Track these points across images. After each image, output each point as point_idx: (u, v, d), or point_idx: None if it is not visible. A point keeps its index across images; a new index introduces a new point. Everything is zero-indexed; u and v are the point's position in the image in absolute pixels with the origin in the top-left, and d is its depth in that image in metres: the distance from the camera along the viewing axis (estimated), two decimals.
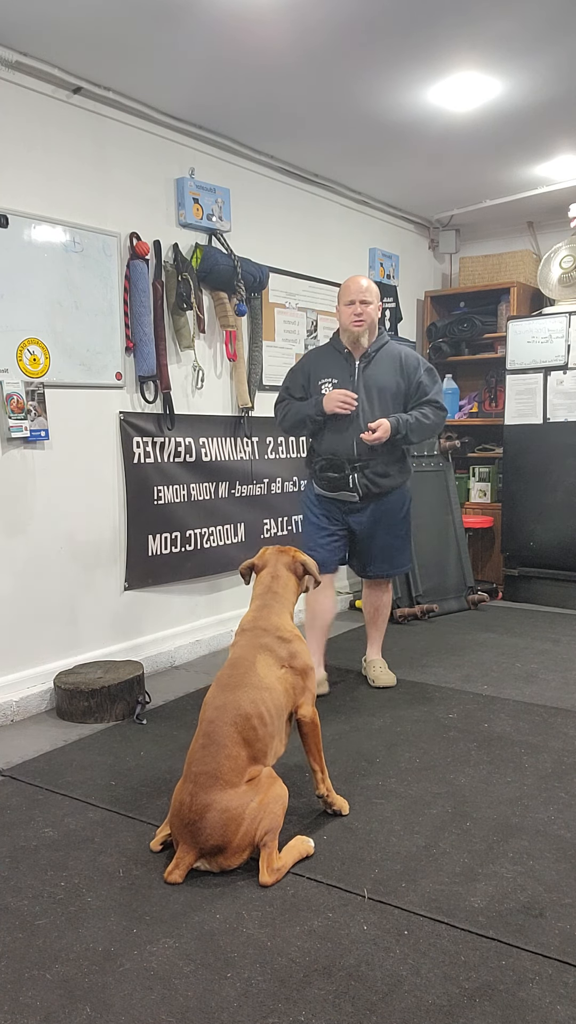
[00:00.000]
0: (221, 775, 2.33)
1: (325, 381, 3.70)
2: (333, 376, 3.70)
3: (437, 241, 6.51)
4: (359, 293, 3.61)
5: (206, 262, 4.34)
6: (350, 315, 3.61)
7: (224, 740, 2.38)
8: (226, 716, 2.41)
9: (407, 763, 3.12)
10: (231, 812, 2.29)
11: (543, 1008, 1.83)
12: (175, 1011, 1.83)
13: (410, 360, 3.73)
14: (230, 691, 2.48)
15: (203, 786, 2.31)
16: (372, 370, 3.69)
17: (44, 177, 3.65)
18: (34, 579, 3.74)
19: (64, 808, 2.79)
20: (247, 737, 2.40)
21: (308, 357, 3.90)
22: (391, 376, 3.69)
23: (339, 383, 3.68)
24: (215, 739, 2.38)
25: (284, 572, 2.83)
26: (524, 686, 3.98)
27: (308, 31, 3.29)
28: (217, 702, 2.46)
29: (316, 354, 3.88)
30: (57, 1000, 1.88)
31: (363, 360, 3.70)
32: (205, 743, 2.39)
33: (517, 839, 2.56)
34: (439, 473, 5.78)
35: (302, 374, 3.80)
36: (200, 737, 2.42)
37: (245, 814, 2.30)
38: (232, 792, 2.32)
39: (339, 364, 3.72)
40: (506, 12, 3.18)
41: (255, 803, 2.32)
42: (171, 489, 4.35)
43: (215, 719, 2.42)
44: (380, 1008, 1.84)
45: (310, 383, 3.76)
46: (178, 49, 3.44)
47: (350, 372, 3.69)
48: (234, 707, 2.43)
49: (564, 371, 5.48)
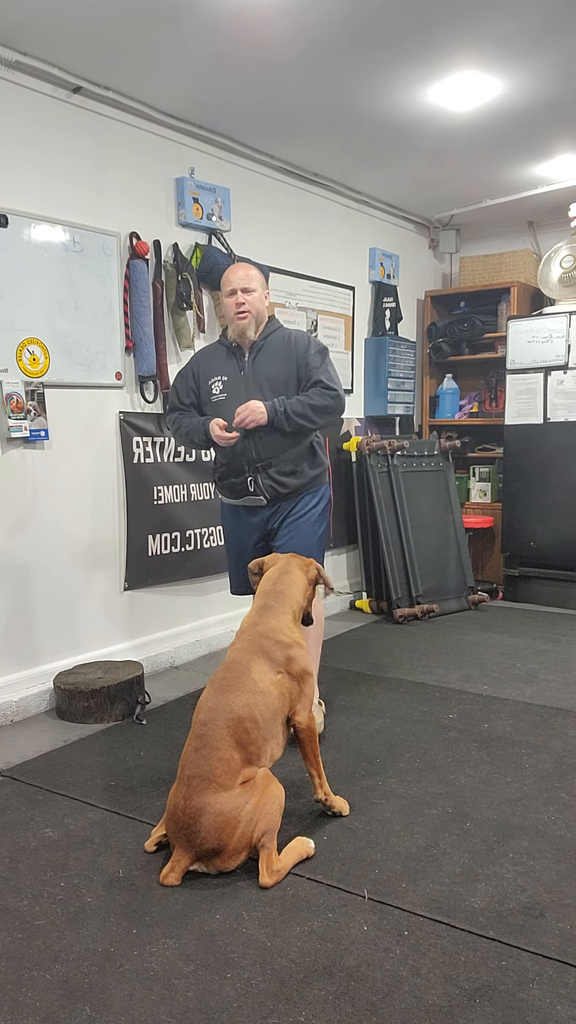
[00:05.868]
0: (214, 778, 2.32)
1: (215, 380, 3.41)
2: (222, 374, 3.40)
3: (437, 241, 6.51)
4: (240, 281, 3.30)
5: (206, 262, 4.34)
6: (232, 306, 3.31)
7: (217, 743, 2.36)
8: (219, 719, 2.40)
9: (407, 763, 3.12)
10: (226, 815, 2.28)
11: (543, 1009, 1.83)
12: (175, 1011, 1.83)
13: (300, 343, 3.39)
14: (223, 694, 2.45)
15: (196, 789, 2.30)
16: (261, 361, 3.37)
17: (44, 177, 3.65)
18: (34, 579, 3.74)
19: (64, 808, 2.79)
20: (240, 740, 2.39)
21: (195, 357, 3.58)
22: (280, 364, 3.36)
23: (229, 380, 3.38)
24: (208, 742, 2.37)
25: (295, 570, 2.77)
26: (524, 686, 3.98)
27: (308, 30, 3.29)
28: (210, 704, 2.45)
29: (204, 353, 3.56)
30: (57, 1000, 1.87)
31: (251, 352, 3.37)
32: (198, 745, 2.38)
33: (517, 839, 2.56)
34: (439, 473, 5.78)
35: (191, 376, 3.49)
36: (193, 739, 2.41)
37: (241, 816, 2.29)
38: (226, 795, 2.31)
39: (226, 360, 3.42)
40: (506, 12, 3.18)
41: (251, 805, 2.31)
42: (171, 489, 4.35)
43: (207, 721, 2.41)
44: (380, 1008, 1.83)
45: (199, 384, 3.46)
46: (178, 48, 3.44)
47: (239, 367, 3.38)
48: (226, 710, 2.41)
49: (564, 371, 5.48)
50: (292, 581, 2.74)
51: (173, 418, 3.52)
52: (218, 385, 3.40)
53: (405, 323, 6.19)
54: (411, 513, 5.51)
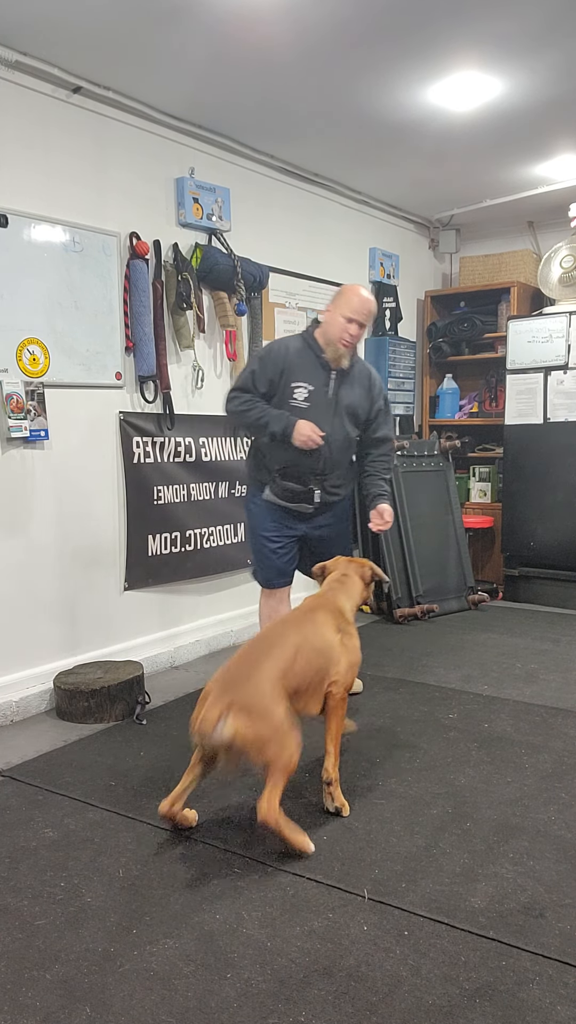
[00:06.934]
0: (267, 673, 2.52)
1: (299, 385, 3.42)
2: (308, 382, 3.43)
3: (437, 241, 6.51)
4: (365, 317, 3.39)
5: (206, 262, 4.34)
6: (343, 332, 3.36)
7: (280, 652, 2.58)
8: (291, 633, 2.68)
9: (407, 763, 3.12)
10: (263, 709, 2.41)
11: (543, 1009, 1.83)
12: (175, 1011, 1.83)
13: (376, 383, 3.61)
14: (299, 624, 2.77)
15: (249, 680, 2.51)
16: (345, 388, 3.50)
17: (44, 177, 3.65)
18: (34, 579, 3.74)
19: (64, 808, 2.79)
20: (293, 666, 2.57)
21: (284, 351, 3.48)
22: (361, 397, 3.54)
23: (314, 391, 3.43)
24: (274, 643, 2.63)
25: (352, 575, 3.11)
26: (524, 686, 3.98)
27: (308, 30, 3.29)
28: (290, 617, 2.87)
29: (292, 352, 3.48)
30: (57, 1000, 1.87)
31: (339, 374, 3.48)
32: (263, 648, 2.60)
33: (517, 839, 2.56)
34: (439, 473, 5.78)
35: (275, 370, 3.44)
36: (258, 641, 2.70)
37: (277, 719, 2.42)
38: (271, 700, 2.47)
39: (314, 370, 3.45)
40: (506, 12, 3.18)
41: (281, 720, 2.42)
42: (171, 489, 4.35)
43: (284, 631, 2.71)
44: (380, 1008, 1.83)
45: (281, 380, 3.44)
46: (178, 49, 3.44)
47: (325, 381, 3.45)
48: (300, 632, 2.69)
49: (564, 371, 5.47)
50: (353, 582, 3.09)
51: (245, 399, 3.47)
52: (302, 392, 3.44)
53: (405, 323, 6.19)
54: (411, 513, 5.51)
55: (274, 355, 3.49)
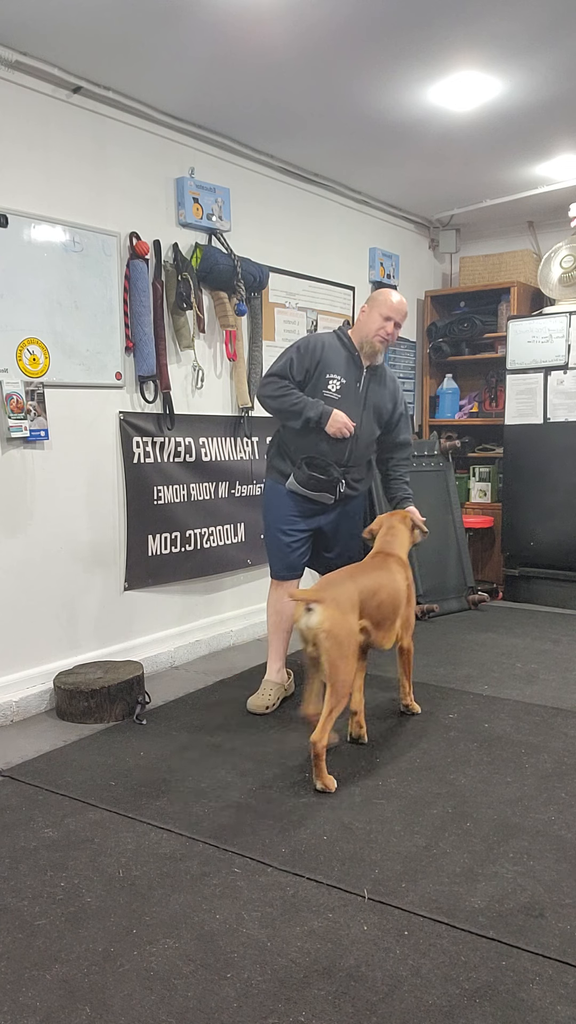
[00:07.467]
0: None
1: (333, 377, 3.57)
2: (341, 375, 3.58)
3: (437, 241, 6.51)
4: (401, 317, 3.62)
5: (206, 262, 4.34)
6: (379, 330, 3.55)
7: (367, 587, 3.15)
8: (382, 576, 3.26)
9: (407, 763, 3.12)
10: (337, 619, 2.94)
11: (543, 1009, 1.83)
12: (175, 1011, 1.83)
13: (399, 388, 3.81)
14: (382, 567, 3.32)
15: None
16: (374, 386, 3.66)
17: (44, 177, 3.65)
18: (34, 579, 3.74)
19: (64, 808, 2.79)
20: (373, 599, 3.14)
21: (320, 343, 3.62)
22: (385, 398, 3.71)
23: (346, 384, 3.57)
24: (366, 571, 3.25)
25: (398, 524, 3.55)
26: (524, 686, 3.98)
27: (308, 30, 3.29)
28: (372, 563, 3.38)
29: (327, 345, 3.62)
30: (57, 1000, 1.87)
31: (369, 372, 3.64)
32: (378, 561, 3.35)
33: (517, 839, 2.56)
34: (439, 473, 5.77)
35: (313, 360, 3.56)
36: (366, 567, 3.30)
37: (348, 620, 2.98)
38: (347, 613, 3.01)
39: (348, 364, 3.60)
40: (506, 12, 3.17)
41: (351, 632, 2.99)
42: (171, 489, 4.35)
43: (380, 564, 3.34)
44: (380, 1009, 1.83)
45: (316, 370, 3.57)
46: (178, 49, 3.44)
47: (357, 377, 3.61)
48: (383, 574, 3.26)
49: (564, 371, 5.47)
50: (402, 532, 3.53)
51: (282, 385, 3.57)
52: (335, 383, 3.59)
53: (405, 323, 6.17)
54: None
55: (312, 346, 3.63)
